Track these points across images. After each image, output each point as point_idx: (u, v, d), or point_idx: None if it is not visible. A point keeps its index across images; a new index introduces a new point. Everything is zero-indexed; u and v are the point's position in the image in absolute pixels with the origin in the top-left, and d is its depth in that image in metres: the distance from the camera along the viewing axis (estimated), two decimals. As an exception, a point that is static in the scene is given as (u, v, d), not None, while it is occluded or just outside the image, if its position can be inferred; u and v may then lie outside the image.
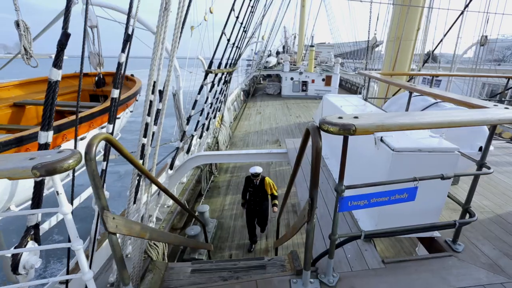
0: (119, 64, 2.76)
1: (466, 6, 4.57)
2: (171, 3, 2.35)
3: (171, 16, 2.23)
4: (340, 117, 1.37)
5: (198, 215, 5.57)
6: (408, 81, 7.64)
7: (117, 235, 1.55)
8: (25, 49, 4.66)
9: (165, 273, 2.20)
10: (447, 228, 1.96)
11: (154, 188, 3.91)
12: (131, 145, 2.80)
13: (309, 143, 1.54)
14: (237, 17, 5.61)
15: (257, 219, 4.99)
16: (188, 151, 5.48)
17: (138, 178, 2.51)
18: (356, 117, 1.38)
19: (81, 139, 3.65)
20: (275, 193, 4.77)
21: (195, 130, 5.98)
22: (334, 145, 4.04)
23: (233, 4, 5.20)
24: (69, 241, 1.45)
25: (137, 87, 6.03)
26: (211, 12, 10.00)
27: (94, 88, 7.03)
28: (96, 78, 7.00)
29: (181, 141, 4.85)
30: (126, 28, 2.69)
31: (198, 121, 6.05)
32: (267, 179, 4.73)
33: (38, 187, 2.06)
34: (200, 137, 6.61)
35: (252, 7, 6.19)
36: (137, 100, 6.23)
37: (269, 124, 13.43)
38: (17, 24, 4.61)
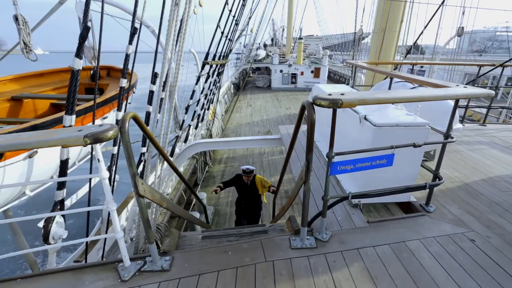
0: (127, 56, 2.99)
1: (438, 7, 4.95)
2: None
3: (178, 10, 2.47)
4: (330, 94, 1.68)
5: (196, 202, 5.85)
6: (394, 69, 8.05)
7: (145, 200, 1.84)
8: (24, 43, 4.80)
9: (179, 240, 2.49)
10: (420, 189, 2.33)
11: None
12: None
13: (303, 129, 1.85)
14: (230, 11, 5.84)
15: (247, 219, 4.66)
16: (185, 140, 5.73)
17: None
18: (342, 94, 1.69)
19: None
20: (269, 185, 4.40)
21: (192, 120, 6.23)
22: (325, 132, 4.37)
23: (226, 1, 5.42)
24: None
25: (133, 79, 6.20)
26: (200, 5, 10.12)
27: (89, 82, 7.13)
28: (91, 71, 7.12)
29: (180, 129, 5.09)
30: (133, 22, 2.91)
31: (195, 111, 6.29)
32: (258, 177, 4.46)
33: (64, 166, 2.30)
34: (196, 127, 6.85)
35: (243, 1, 6.41)
36: (134, 93, 6.39)
37: (260, 116, 13.72)
38: (16, 18, 4.73)
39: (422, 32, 6.14)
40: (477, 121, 5.33)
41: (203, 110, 7.11)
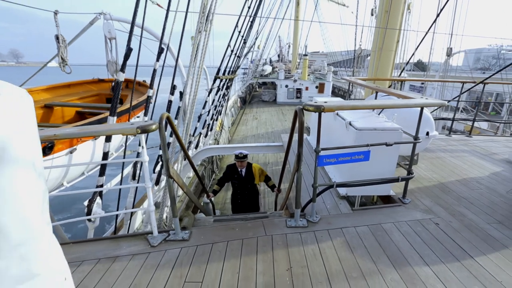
0: (154, 70, 3.61)
1: (429, 28, 5.56)
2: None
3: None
4: (316, 102, 2.23)
5: (204, 205, 6.35)
6: (389, 86, 8.60)
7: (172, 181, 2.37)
8: (62, 58, 5.55)
9: (194, 221, 3.00)
10: (394, 182, 2.82)
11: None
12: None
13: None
14: (240, 31, 6.54)
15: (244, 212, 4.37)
16: (196, 147, 6.30)
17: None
18: (325, 102, 2.24)
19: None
20: (267, 175, 4.31)
21: (202, 128, 6.82)
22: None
23: (237, 21, 6.15)
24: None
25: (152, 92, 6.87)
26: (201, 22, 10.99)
27: (111, 92, 7.91)
28: (113, 83, 7.90)
29: (193, 135, 5.68)
30: (160, 44, 3.55)
31: (205, 121, 6.90)
32: (255, 165, 4.23)
33: (105, 158, 2.87)
34: (206, 135, 7.44)
35: (251, 22, 7.13)
36: (151, 103, 7.07)
37: (265, 128, 14.30)
38: (57, 38, 5.52)
39: (413, 54, 6.75)
40: (477, 134, 5.82)
41: (212, 120, 7.73)
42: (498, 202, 3.01)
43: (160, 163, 4.50)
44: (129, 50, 2.73)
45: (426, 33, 5.54)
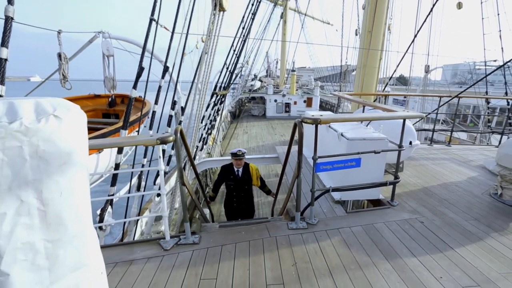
0: (160, 87, 3.87)
1: (407, 49, 6.14)
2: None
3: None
4: (313, 115, 2.55)
5: (199, 217, 6.49)
6: (374, 100, 9.16)
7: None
8: (63, 75, 5.77)
9: (201, 227, 3.19)
10: (383, 186, 3.13)
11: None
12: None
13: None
14: (234, 50, 6.95)
15: (240, 216, 4.24)
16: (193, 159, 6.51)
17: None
18: (321, 115, 2.56)
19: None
20: (261, 178, 4.15)
21: (198, 142, 7.04)
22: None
23: (232, 43, 6.56)
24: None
25: (147, 108, 7.11)
26: (202, 41, 11.46)
27: (107, 108, 8.09)
28: (110, 99, 8.10)
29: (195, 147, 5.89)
30: (165, 63, 3.83)
31: (201, 135, 7.14)
32: (252, 165, 4.05)
33: (116, 168, 3.06)
34: (201, 149, 7.65)
35: (244, 41, 7.57)
36: (148, 117, 7.29)
37: (256, 142, 14.61)
38: (59, 55, 5.76)
39: (395, 71, 7.36)
40: (456, 144, 6.35)
41: (207, 134, 7.98)
42: (474, 202, 3.37)
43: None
44: (141, 69, 2.99)
45: (404, 54, 6.11)
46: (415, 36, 6.41)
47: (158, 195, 4.67)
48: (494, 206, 3.30)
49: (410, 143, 3.96)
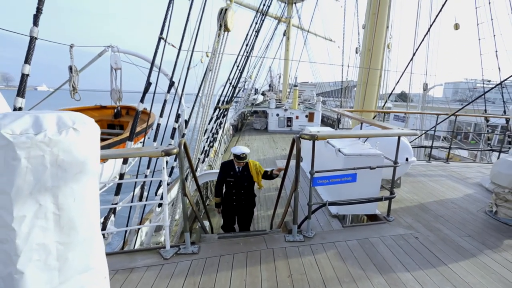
0: (165, 101, 4.04)
1: (405, 68, 6.35)
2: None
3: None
4: (310, 131, 2.67)
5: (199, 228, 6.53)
6: (374, 117, 9.32)
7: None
8: (73, 87, 5.99)
9: (201, 238, 3.26)
10: (379, 201, 3.21)
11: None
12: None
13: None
14: (238, 66, 7.20)
15: (238, 219, 4.11)
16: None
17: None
18: (318, 131, 2.68)
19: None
20: (264, 172, 3.93)
21: (201, 154, 7.18)
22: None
23: (236, 59, 6.81)
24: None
25: (152, 120, 7.30)
26: (207, 56, 11.84)
27: (112, 118, 8.31)
28: (115, 110, 8.32)
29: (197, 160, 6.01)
30: (172, 78, 4.02)
31: (203, 147, 7.28)
32: (251, 161, 3.87)
33: (121, 178, 3.18)
34: (203, 161, 7.77)
35: (247, 57, 7.83)
36: (152, 129, 7.47)
37: (257, 156, 14.71)
38: (70, 68, 6.00)
39: (394, 88, 7.54)
40: (457, 161, 6.43)
41: (209, 147, 8.12)
42: (469, 219, 3.43)
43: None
44: (148, 84, 3.16)
45: (402, 73, 6.31)
46: (413, 56, 6.63)
47: (159, 205, 4.76)
48: (489, 224, 3.35)
49: (407, 159, 4.06)
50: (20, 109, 2.24)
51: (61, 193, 1.24)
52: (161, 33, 3.30)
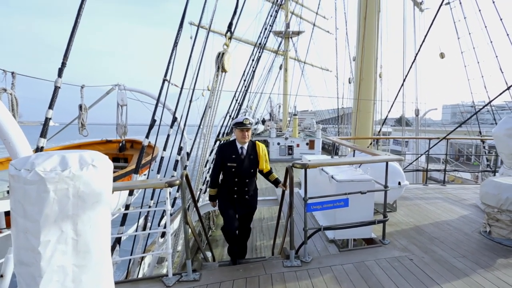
0: (168, 135, 4.33)
1: (395, 97, 6.74)
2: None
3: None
4: (302, 160, 2.91)
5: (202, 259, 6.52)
6: (370, 143, 9.58)
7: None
8: (82, 123, 6.38)
9: (202, 266, 3.35)
10: (372, 224, 3.34)
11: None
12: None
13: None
14: (237, 100, 7.64)
15: (240, 213, 3.24)
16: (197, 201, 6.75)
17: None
18: (309, 160, 2.91)
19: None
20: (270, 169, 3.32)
21: (202, 185, 7.35)
22: (309, 188, 5.47)
23: (234, 94, 7.28)
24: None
25: (155, 152, 7.57)
26: (208, 90, 12.45)
27: (117, 152, 8.64)
28: (120, 144, 8.67)
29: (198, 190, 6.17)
30: (174, 114, 4.35)
31: (205, 178, 7.48)
32: (259, 143, 3.20)
33: (127, 208, 3.36)
34: (205, 192, 7.92)
35: (246, 90, 8.31)
36: (156, 162, 7.72)
37: (259, 185, 14.69)
38: (80, 106, 6.43)
39: (386, 116, 7.86)
40: (460, 183, 6.55)
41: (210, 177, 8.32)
42: (463, 240, 3.52)
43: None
44: (153, 122, 3.47)
45: (393, 102, 6.67)
46: (401, 87, 7.05)
47: (163, 235, 4.86)
48: (483, 244, 3.44)
49: (399, 183, 4.22)
50: (42, 148, 2.51)
51: (80, 220, 1.46)
52: (165, 75, 3.68)
